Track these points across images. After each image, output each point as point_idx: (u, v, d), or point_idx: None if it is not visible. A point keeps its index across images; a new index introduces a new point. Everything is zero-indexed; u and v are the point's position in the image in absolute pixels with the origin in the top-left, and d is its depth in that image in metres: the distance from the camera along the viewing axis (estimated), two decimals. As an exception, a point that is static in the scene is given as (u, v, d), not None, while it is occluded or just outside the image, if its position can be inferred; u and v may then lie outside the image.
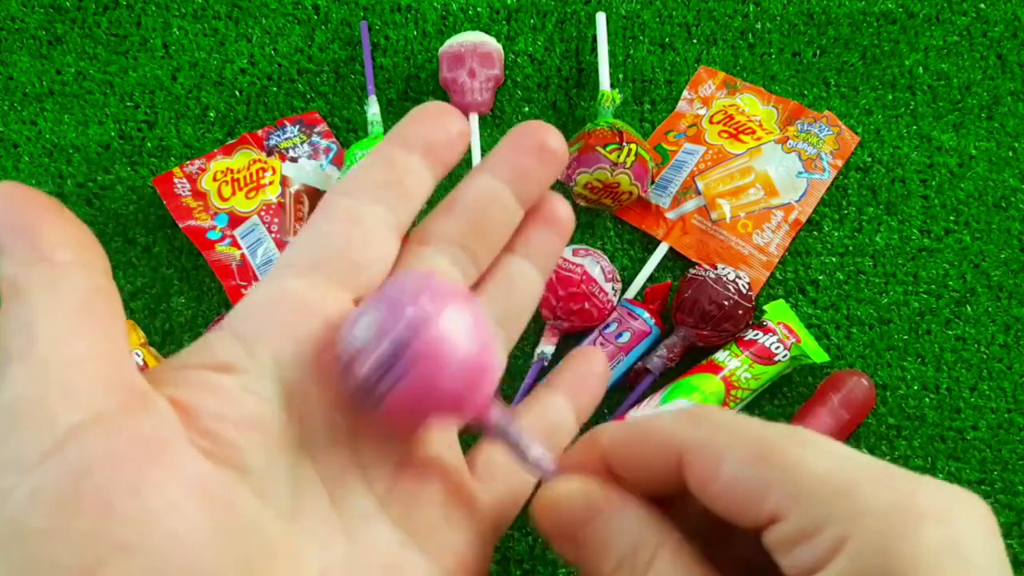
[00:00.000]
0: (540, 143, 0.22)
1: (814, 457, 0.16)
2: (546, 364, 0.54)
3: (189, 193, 0.58)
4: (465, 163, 0.60)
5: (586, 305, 0.53)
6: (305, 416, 0.18)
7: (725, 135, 0.60)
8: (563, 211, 0.23)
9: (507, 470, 0.22)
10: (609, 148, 0.54)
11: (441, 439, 0.21)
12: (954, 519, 0.15)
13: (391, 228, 0.21)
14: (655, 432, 0.18)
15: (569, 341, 0.55)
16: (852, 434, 0.53)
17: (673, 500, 0.18)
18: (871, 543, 0.14)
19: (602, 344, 0.53)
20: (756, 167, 0.58)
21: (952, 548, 0.14)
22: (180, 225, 0.57)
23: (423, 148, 0.21)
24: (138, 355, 0.51)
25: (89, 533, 0.14)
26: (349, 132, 0.62)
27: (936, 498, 0.15)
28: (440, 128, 0.21)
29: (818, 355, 0.53)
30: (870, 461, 0.16)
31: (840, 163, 0.59)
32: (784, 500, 0.15)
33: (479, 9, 0.65)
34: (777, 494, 0.16)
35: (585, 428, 0.21)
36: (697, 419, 0.18)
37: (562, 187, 0.59)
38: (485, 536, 0.21)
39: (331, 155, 0.60)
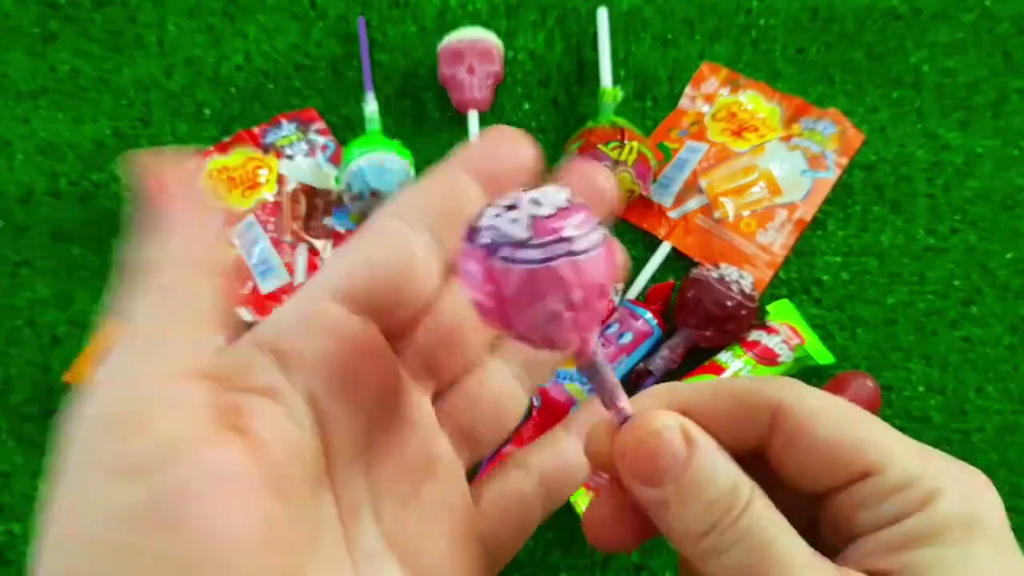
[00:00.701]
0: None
1: (891, 429, 0.18)
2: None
3: (184, 191, 0.57)
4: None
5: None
6: (331, 446, 0.18)
7: (728, 133, 0.59)
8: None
9: (511, 503, 0.22)
10: (610, 146, 0.53)
11: (448, 475, 0.21)
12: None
13: (438, 259, 0.20)
14: (750, 390, 0.19)
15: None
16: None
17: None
18: (960, 494, 0.17)
19: (604, 345, 0.53)
20: (760, 165, 0.58)
21: (1002, 508, 0.18)
22: (175, 224, 0.56)
23: (488, 176, 0.20)
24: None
25: (162, 554, 0.15)
26: (346, 129, 0.61)
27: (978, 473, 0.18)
28: (510, 156, 0.21)
29: (823, 356, 0.52)
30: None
31: (845, 161, 0.58)
32: (882, 457, 0.17)
33: (478, 5, 0.64)
34: (875, 452, 0.17)
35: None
36: (788, 383, 0.19)
37: (563, 185, 0.58)
38: (488, 573, 0.21)
39: (328, 153, 0.59)
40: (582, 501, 0.47)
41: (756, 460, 0.19)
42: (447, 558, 0.20)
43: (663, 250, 0.57)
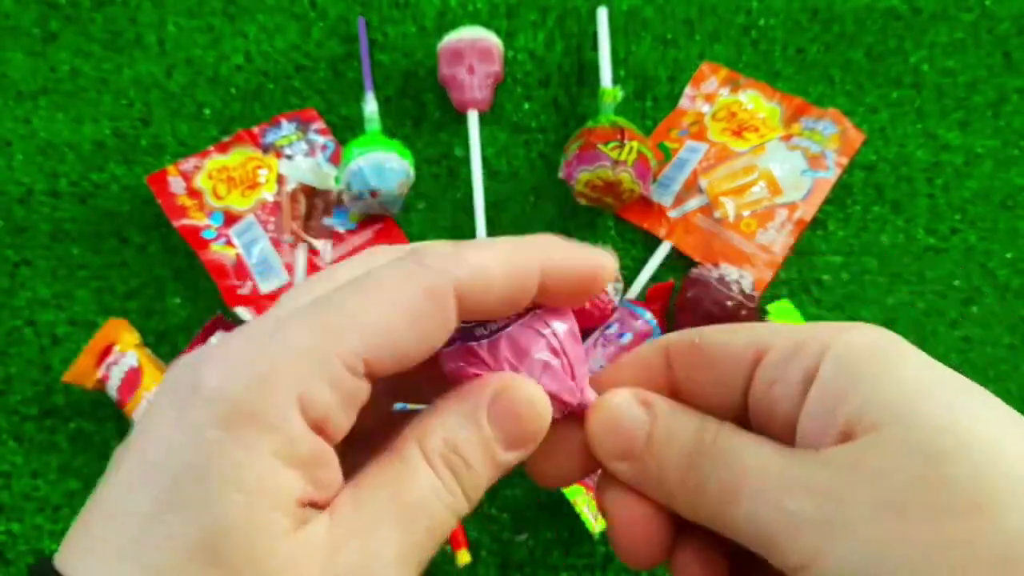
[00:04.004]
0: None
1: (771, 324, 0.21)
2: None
3: (184, 191, 0.57)
4: (465, 163, 0.59)
5: (587, 305, 0.52)
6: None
7: (728, 132, 0.59)
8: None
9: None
10: (610, 146, 0.53)
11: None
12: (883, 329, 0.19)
13: None
14: (653, 347, 0.21)
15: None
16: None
17: None
18: (855, 335, 0.18)
19: (603, 345, 0.52)
20: (760, 165, 0.58)
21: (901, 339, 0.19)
22: (174, 224, 0.56)
23: None
24: (133, 356, 0.51)
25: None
26: (346, 129, 0.61)
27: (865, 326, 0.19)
28: None
29: (823, 356, 0.52)
30: None
31: (845, 161, 0.58)
32: (766, 338, 0.20)
33: (478, 5, 0.64)
34: (759, 340, 0.20)
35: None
36: (674, 335, 0.21)
37: (563, 186, 0.58)
38: None
39: (328, 152, 0.59)
40: (581, 501, 0.47)
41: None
42: None
43: (663, 250, 0.57)
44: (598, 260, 0.20)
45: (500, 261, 0.18)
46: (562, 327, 0.21)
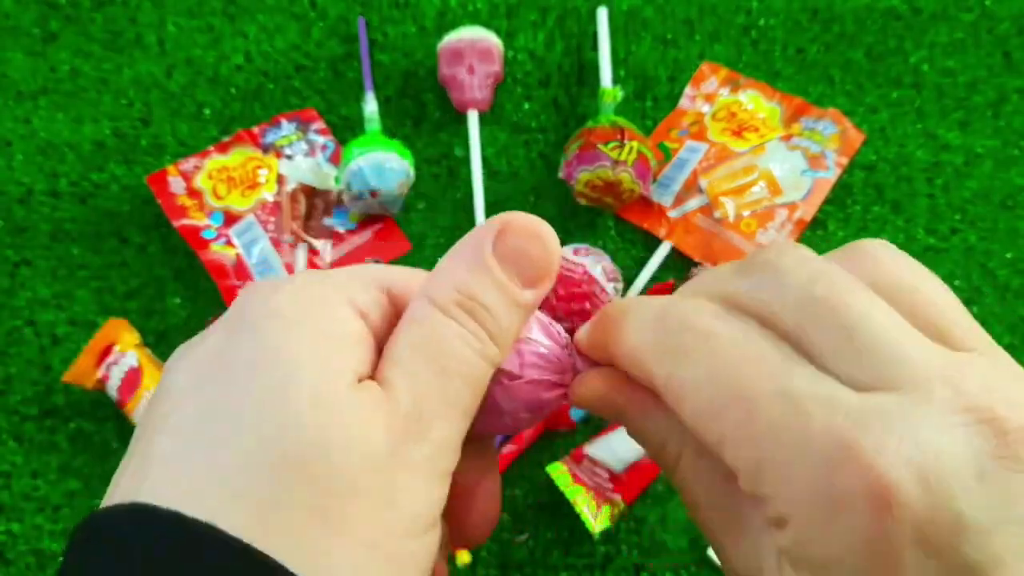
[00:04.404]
0: None
1: None
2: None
3: (184, 191, 0.57)
4: (465, 163, 0.59)
5: (587, 305, 0.52)
6: None
7: (728, 132, 0.59)
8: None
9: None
10: (610, 146, 0.53)
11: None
12: None
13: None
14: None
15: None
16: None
17: None
18: None
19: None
20: (760, 165, 0.58)
21: None
22: (174, 224, 0.56)
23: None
24: (133, 356, 0.51)
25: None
26: (346, 129, 0.61)
27: None
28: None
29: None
30: None
31: (845, 161, 0.58)
32: None
33: (478, 5, 0.64)
34: None
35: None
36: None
37: (563, 186, 0.58)
38: None
39: (328, 152, 0.59)
40: (581, 501, 0.47)
41: None
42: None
43: (663, 250, 0.56)
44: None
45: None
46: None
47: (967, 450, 0.15)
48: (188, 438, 0.17)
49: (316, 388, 0.17)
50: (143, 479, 0.17)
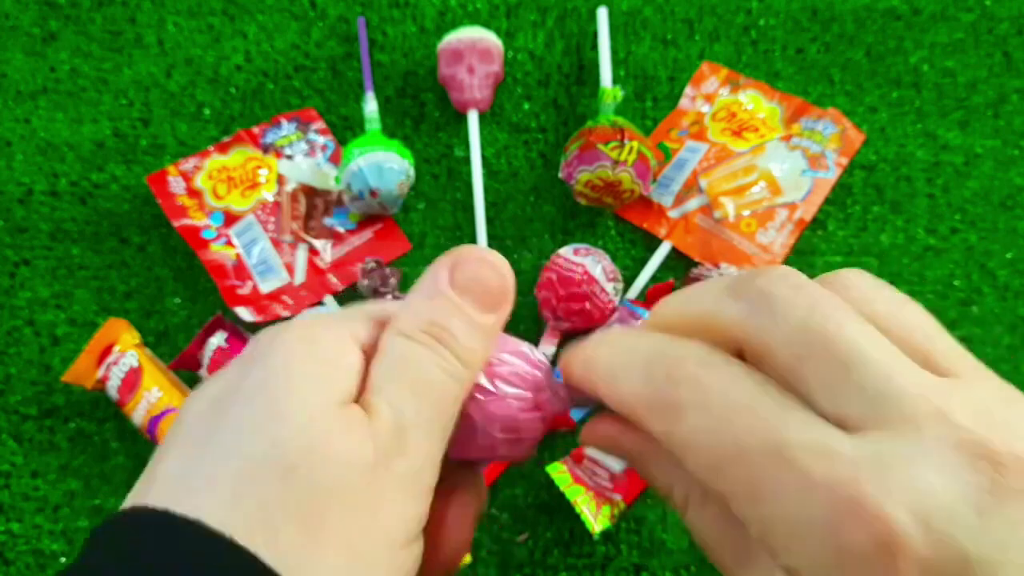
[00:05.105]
0: None
1: None
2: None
3: (184, 191, 0.57)
4: (465, 163, 0.59)
5: (587, 305, 0.52)
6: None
7: (728, 132, 0.59)
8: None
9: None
10: (610, 146, 0.53)
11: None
12: None
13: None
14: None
15: (570, 342, 0.55)
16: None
17: None
18: None
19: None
20: (760, 165, 0.58)
21: None
22: (174, 224, 0.56)
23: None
24: (133, 356, 0.51)
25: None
26: (346, 129, 0.61)
27: None
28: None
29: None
30: None
31: (845, 161, 0.58)
32: None
33: (478, 5, 0.64)
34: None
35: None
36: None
37: (563, 186, 0.58)
38: None
39: (328, 152, 0.59)
40: (581, 501, 0.47)
41: None
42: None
43: (663, 250, 0.56)
44: None
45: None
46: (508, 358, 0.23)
47: (965, 487, 0.15)
48: (194, 451, 0.19)
49: (310, 406, 0.19)
50: (149, 487, 0.18)
